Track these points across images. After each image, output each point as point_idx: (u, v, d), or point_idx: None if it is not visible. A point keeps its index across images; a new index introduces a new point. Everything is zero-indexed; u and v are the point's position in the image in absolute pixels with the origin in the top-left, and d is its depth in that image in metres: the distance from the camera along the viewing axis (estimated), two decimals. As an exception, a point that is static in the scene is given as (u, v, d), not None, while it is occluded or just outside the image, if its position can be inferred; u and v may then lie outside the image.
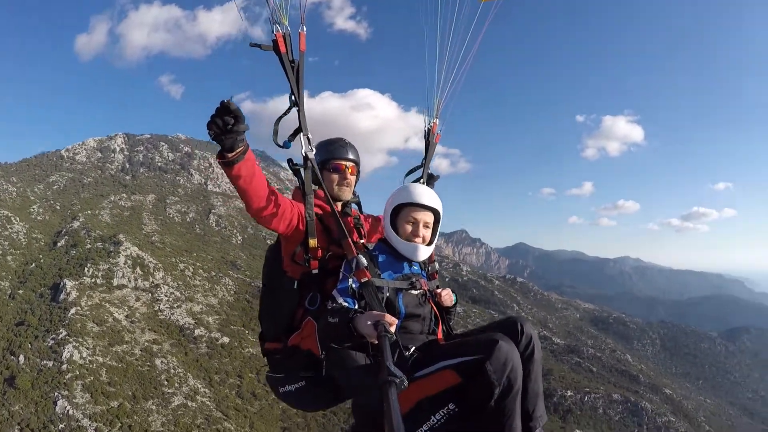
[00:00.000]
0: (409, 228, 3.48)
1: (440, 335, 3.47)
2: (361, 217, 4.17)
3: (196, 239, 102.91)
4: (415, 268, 3.52)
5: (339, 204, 3.85)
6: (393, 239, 3.48)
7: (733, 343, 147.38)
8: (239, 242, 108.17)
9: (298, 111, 3.51)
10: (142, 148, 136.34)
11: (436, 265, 3.85)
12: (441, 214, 3.60)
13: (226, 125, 2.76)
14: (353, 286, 3.20)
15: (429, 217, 3.52)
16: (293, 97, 3.45)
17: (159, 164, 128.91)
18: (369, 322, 2.62)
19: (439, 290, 3.70)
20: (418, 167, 4.60)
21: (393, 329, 2.56)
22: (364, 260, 3.22)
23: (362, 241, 3.80)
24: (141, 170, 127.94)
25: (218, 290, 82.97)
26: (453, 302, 3.76)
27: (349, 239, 3.36)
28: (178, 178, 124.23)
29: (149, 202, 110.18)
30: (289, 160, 3.71)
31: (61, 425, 48.68)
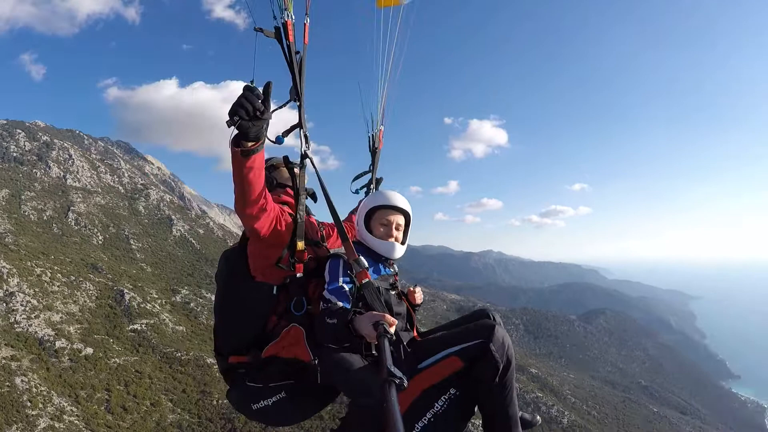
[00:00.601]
0: (382, 229, 3.73)
1: (415, 333, 3.65)
2: (323, 223, 4.25)
3: (54, 240, 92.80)
4: (389, 269, 3.75)
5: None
6: (369, 240, 3.68)
7: (590, 324, 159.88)
8: (100, 243, 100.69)
9: (299, 106, 3.47)
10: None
11: (396, 267, 3.95)
12: (411, 218, 3.86)
13: (257, 110, 2.67)
14: (345, 287, 3.28)
15: (401, 219, 3.80)
16: (294, 91, 3.39)
17: (14, 154, 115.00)
18: (369, 323, 2.66)
19: (412, 288, 4.02)
20: (365, 172, 4.90)
21: (393, 329, 2.61)
22: (365, 261, 3.30)
23: (325, 244, 3.89)
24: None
25: (78, 296, 76.78)
26: (422, 300, 4.06)
27: (350, 241, 3.38)
28: (35, 170, 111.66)
29: (2, 198, 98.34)
30: (285, 158, 3.64)
31: None
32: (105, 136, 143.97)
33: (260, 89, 2.73)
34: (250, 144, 2.80)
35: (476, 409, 3.26)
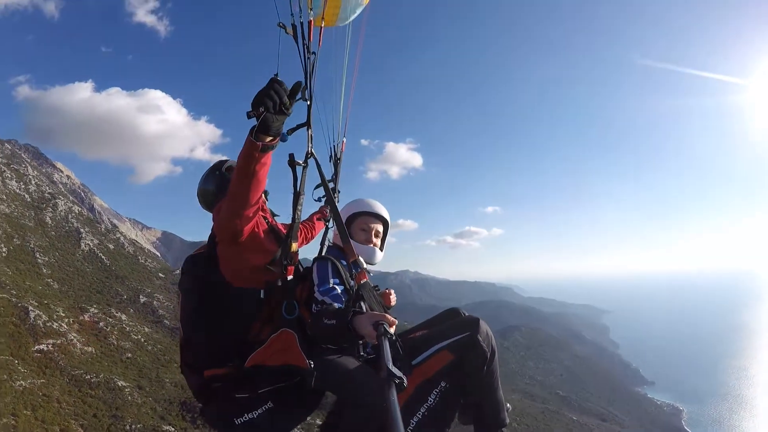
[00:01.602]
0: (363, 235, 3.82)
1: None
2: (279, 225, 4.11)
3: None
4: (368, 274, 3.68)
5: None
6: (354, 245, 3.57)
7: (507, 340, 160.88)
8: (4, 255, 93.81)
9: (309, 106, 3.43)
10: None
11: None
12: (389, 226, 3.96)
13: (285, 105, 2.60)
14: (337, 288, 3.29)
15: (380, 227, 3.91)
16: (305, 90, 3.32)
17: None
18: (369, 323, 2.62)
19: (387, 291, 4.15)
20: (328, 181, 4.60)
21: (392, 330, 2.57)
22: (363, 263, 3.31)
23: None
24: None
25: None
26: (395, 302, 4.22)
27: (351, 243, 3.35)
28: None
29: None
30: (291, 155, 3.47)
31: None
32: (12, 138, 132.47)
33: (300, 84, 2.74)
34: (269, 139, 2.72)
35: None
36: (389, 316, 2.62)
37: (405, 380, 2.09)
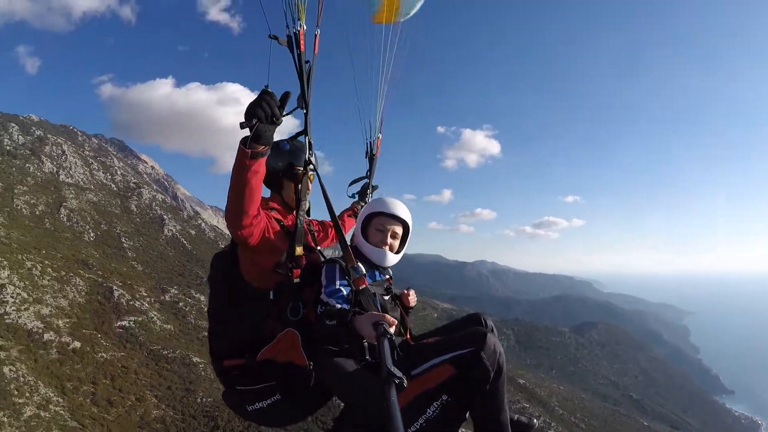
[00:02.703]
0: (378, 236, 3.71)
1: (408, 336, 3.68)
2: (312, 222, 4.26)
3: (46, 235, 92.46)
4: (384, 275, 3.75)
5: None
6: (363, 246, 3.68)
7: (582, 336, 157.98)
8: (92, 239, 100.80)
9: (305, 114, 3.47)
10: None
11: (390, 271, 3.92)
12: (410, 227, 3.81)
13: (275, 116, 2.71)
14: (343, 290, 3.29)
15: (398, 228, 3.75)
16: (301, 99, 3.39)
17: (8, 148, 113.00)
18: (369, 323, 2.66)
19: (406, 291, 4.02)
20: (362, 178, 4.97)
21: (392, 330, 2.61)
22: (362, 268, 3.32)
23: (319, 248, 3.91)
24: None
25: (68, 291, 77.36)
26: (415, 303, 4.08)
27: (349, 248, 3.41)
28: (28, 165, 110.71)
29: None
30: (290, 163, 3.64)
31: None
32: (99, 133, 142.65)
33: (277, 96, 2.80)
34: (261, 147, 2.81)
35: (468, 415, 3.35)
36: (389, 316, 2.67)
37: (405, 380, 2.14)
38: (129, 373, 61.82)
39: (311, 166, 3.64)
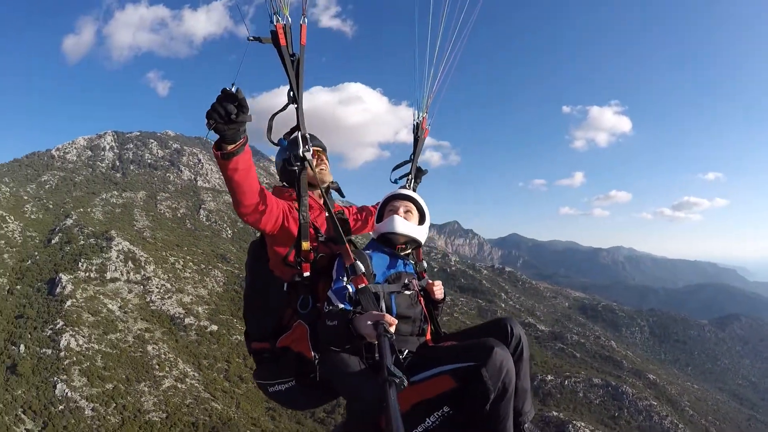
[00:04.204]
0: (390, 214, 3.69)
1: (429, 336, 3.53)
2: (345, 209, 4.25)
3: (187, 234, 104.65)
4: (409, 267, 3.61)
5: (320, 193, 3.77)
6: (377, 228, 3.68)
7: (723, 330, 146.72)
8: (229, 236, 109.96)
9: (297, 108, 3.40)
10: (131, 146, 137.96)
11: (425, 264, 3.88)
12: (422, 205, 3.77)
13: (228, 114, 2.67)
14: (349, 287, 3.18)
15: (410, 206, 3.72)
16: (291, 94, 3.33)
17: (149, 161, 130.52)
18: (369, 322, 2.62)
19: (431, 282, 3.78)
20: (406, 162, 4.66)
21: (393, 329, 2.57)
22: (361, 266, 3.17)
23: (348, 238, 3.66)
24: (131, 167, 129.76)
25: (208, 282, 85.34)
26: (443, 296, 3.83)
27: (347, 245, 3.29)
28: (168, 174, 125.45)
29: (140, 199, 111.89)
30: (287, 160, 3.57)
31: (60, 406, 51.99)
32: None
33: (241, 93, 2.74)
34: (229, 147, 2.83)
35: None
36: (388, 316, 2.63)
37: (405, 380, 2.12)
38: (261, 354, 66.04)
39: (306, 162, 3.49)
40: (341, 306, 3.07)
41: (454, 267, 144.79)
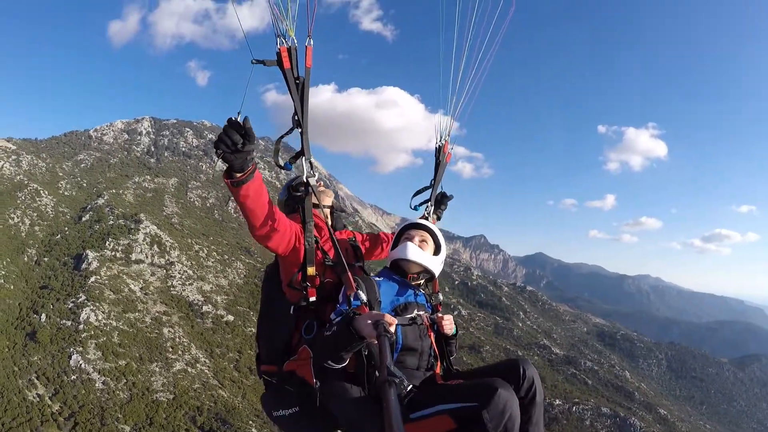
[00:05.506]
0: (404, 242, 3.61)
1: (438, 370, 3.44)
2: (357, 236, 4.17)
3: (214, 224, 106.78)
4: (420, 297, 3.51)
5: (326, 215, 3.82)
6: (391, 254, 3.60)
7: (743, 370, 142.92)
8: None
9: (301, 133, 3.34)
10: (167, 133, 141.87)
11: (440, 296, 3.77)
12: (438, 237, 3.68)
13: (235, 144, 2.66)
14: None
15: (425, 235, 3.63)
16: (296, 117, 3.28)
17: (183, 149, 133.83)
18: (369, 322, 2.58)
19: (440, 315, 3.60)
20: (427, 188, 4.45)
21: (393, 329, 2.54)
22: (363, 296, 3.13)
23: (358, 264, 3.80)
24: (165, 154, 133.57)
25: (229, 273, 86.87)
26: (453, 332, 3.64)
27: (349, 273, 3.23)
28: (200, 163, 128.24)
29: (171, 186, 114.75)
30: (290, 186, 3.65)
31: (73, 376, 53.95)
32: (266, 136, 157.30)
33: (248, 123, 2.71)
34: (238, 175, 2.84)
35: None
36: (388, 316, 2.57)
37: (405, 380, 2.08)
38: (274, 347, 67.43)
39: (311, 188, 3.49)
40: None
41: (475, 281, 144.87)
